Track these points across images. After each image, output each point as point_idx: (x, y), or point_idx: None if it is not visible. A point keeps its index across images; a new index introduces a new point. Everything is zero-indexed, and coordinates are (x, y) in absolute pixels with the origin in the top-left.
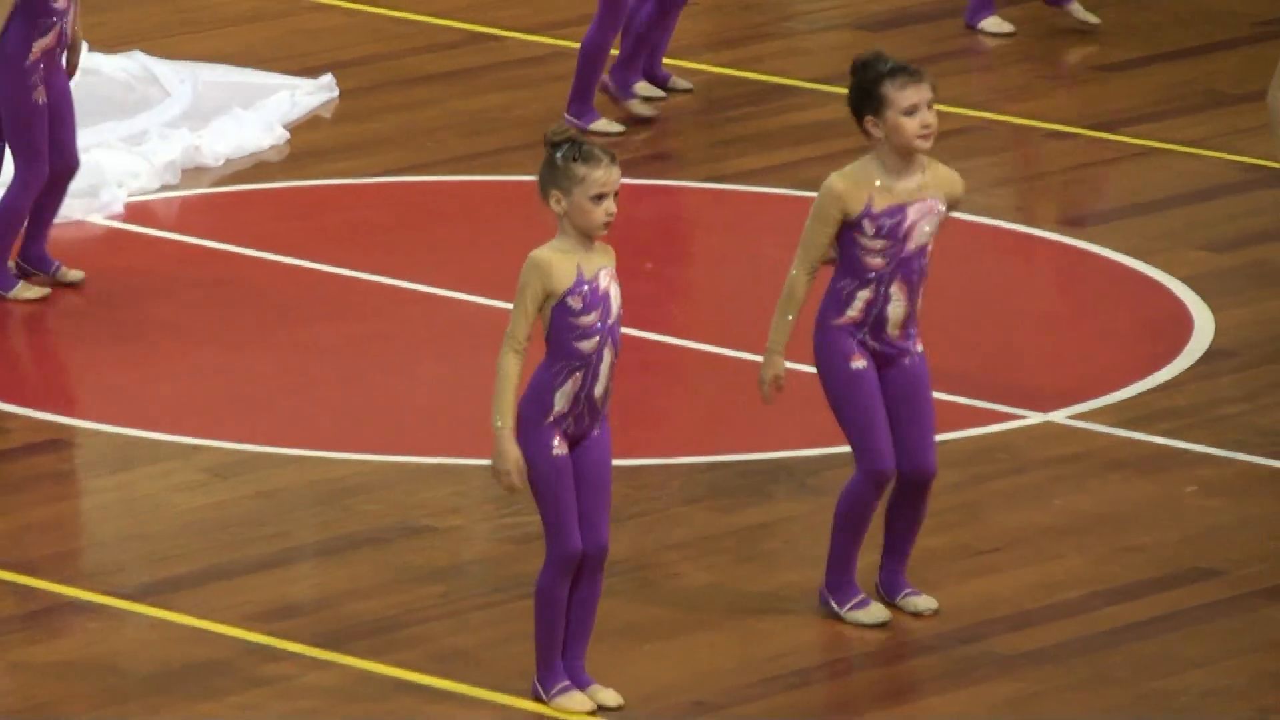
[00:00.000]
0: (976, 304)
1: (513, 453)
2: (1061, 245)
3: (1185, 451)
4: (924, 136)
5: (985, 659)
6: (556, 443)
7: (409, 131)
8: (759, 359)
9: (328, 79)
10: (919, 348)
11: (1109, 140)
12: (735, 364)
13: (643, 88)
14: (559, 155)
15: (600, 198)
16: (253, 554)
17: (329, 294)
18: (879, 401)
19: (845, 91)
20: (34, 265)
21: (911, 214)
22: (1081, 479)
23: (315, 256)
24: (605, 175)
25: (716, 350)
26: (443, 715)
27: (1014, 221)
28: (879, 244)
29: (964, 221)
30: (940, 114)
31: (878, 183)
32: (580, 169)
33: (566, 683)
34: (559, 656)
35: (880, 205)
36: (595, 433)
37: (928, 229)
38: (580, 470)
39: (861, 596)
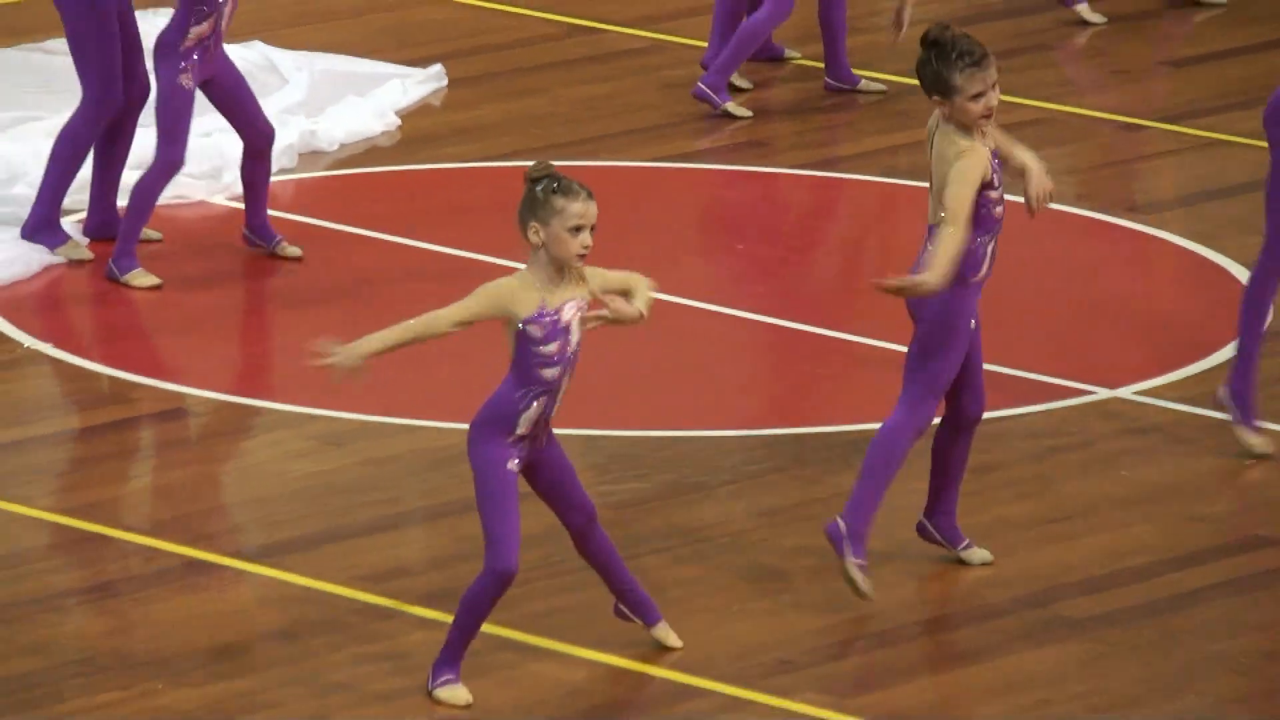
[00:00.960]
0: (1048, 286)
1: (358, 351)
2: (1130, 230)
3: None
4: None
5: (1057, 621)
6: (514, 463)
7: (515, 119)
8: (840, 335)
9: (437, 69)
10: None
11: (1176, 132)
12: (817, 339)
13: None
14: (539, 189)
15: (577, 230)
16: (363, 518)
17: (437, 272)
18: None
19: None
20: (258, 236)
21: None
22: (1148, 452)
23: (424, 237)
24: (583, 208)
25: (800, 327)
26: (543, 672)
27: (1083, 208)
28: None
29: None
30: (1014, 105)
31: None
32: (559, 201)
33: (451, 676)
34: (461, 657)
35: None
36: (547, 444)
37: None
38: (548, 474)
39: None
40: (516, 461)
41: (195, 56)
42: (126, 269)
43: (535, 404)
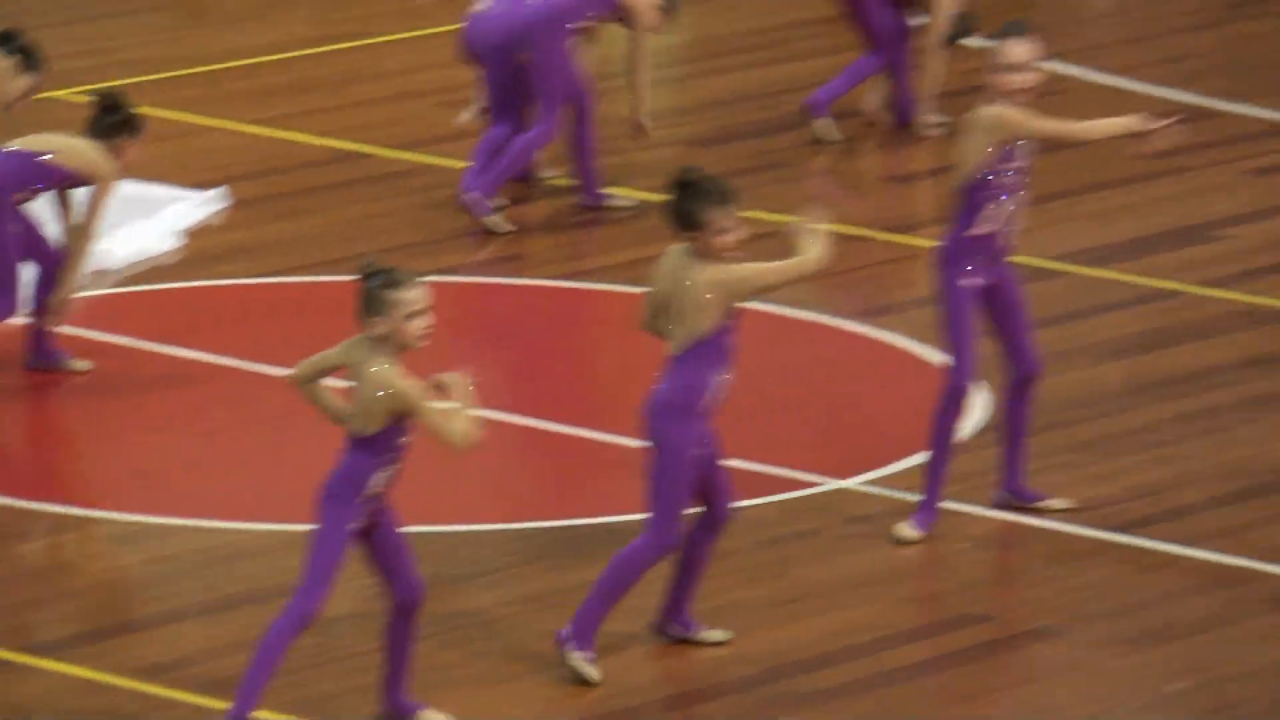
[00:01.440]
0: (783, 386)
1: None
2: (857, 334)
3: (960, 513)
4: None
5: (787, 696)
6: (353, 524)
7: (291, 238)
8: (585, 433)
9: (218, 191)
10: None
11: (901, 243)
12: (565, 439)
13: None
14: (372, 285)
15: (414, 315)
16: (146, 613)
17: (216, 380)
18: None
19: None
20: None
21: None
22: (872, 537)
23: (205, 348)
24: (416, 295)
25: (549, 426)
26: None
27: (817, 312)
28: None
29: (772, 313)
30: (757, 221)
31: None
32: (393, 294)
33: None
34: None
35: None
36: (386, 511)
37: None
38: (385, 540)
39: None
40: (355, 521)
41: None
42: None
43: (388, 470)
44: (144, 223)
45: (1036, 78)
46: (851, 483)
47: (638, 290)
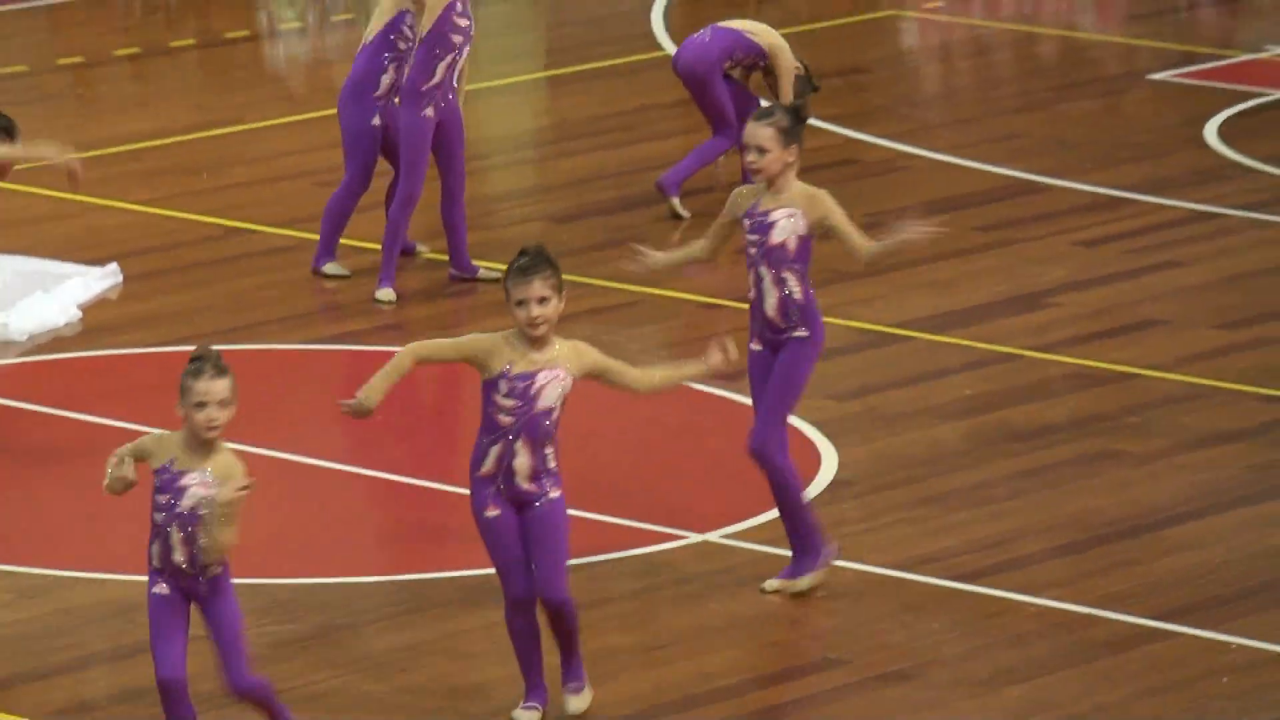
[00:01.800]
0: (649, 445)
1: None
2: (713, 395)
3: None
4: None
5: None
6: (161, 588)
7: (182, 310)
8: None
9: (113, 267)
10: (553, 494)
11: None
12: (440, 494)
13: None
14: (186, 370)
15: (203, 405)
16: (53, 661)
17: (116, 443)
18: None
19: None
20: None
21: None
22: (733, 587)
23: (102, 413)
24: (205, 387)
25: (425, 483)
26: None
27: None
28: (509, 404)
29: None
30: (611, 289)
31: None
32: (186, 380)
33: None
34: None
35: (516, 370)
36: (202, 588)
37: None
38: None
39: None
40: (164, 585)
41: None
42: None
43: (156, 542)
44: (44, 297)
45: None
46: (713, 535)
47: None
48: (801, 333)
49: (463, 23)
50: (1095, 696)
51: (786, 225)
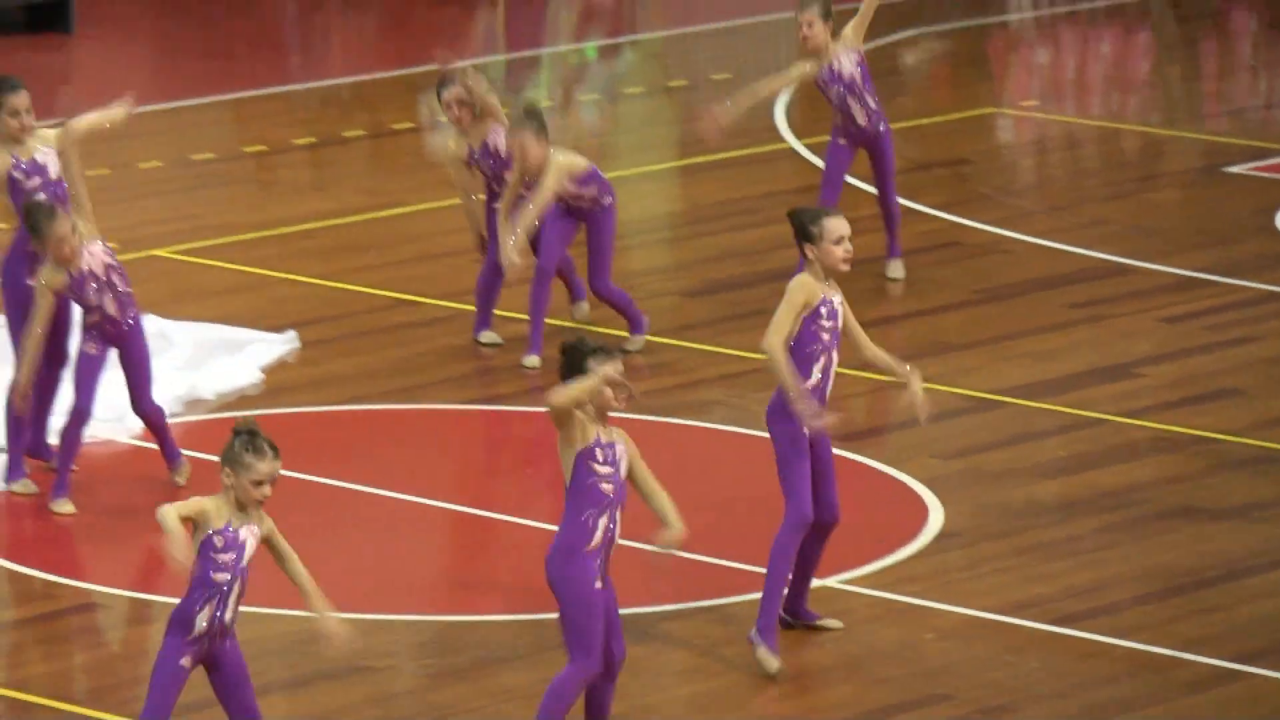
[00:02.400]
0: (756, 497)
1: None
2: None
3: (924, 607)
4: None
5: None
6: (186, 661)
7: (353, 373)
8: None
9: (291, 334)
10: None
11: (865, 377)
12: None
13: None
14: (237, 441)
15: (260, 484)
16: None
17: (293, 491)
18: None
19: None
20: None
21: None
22: (850, 627)
23: (285, 466)
24: (267, 468)
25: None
26: None
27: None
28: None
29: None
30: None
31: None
32: (249, 458)
33: None
34: None
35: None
36: (227, 644)
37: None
38: (225, 679)
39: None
40: (189, 660)
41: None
42: (55, 497)
43: (207, 605)
44: (230, 360)
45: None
46: (831, 580)
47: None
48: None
49: None
50: None
51: (841, 310)
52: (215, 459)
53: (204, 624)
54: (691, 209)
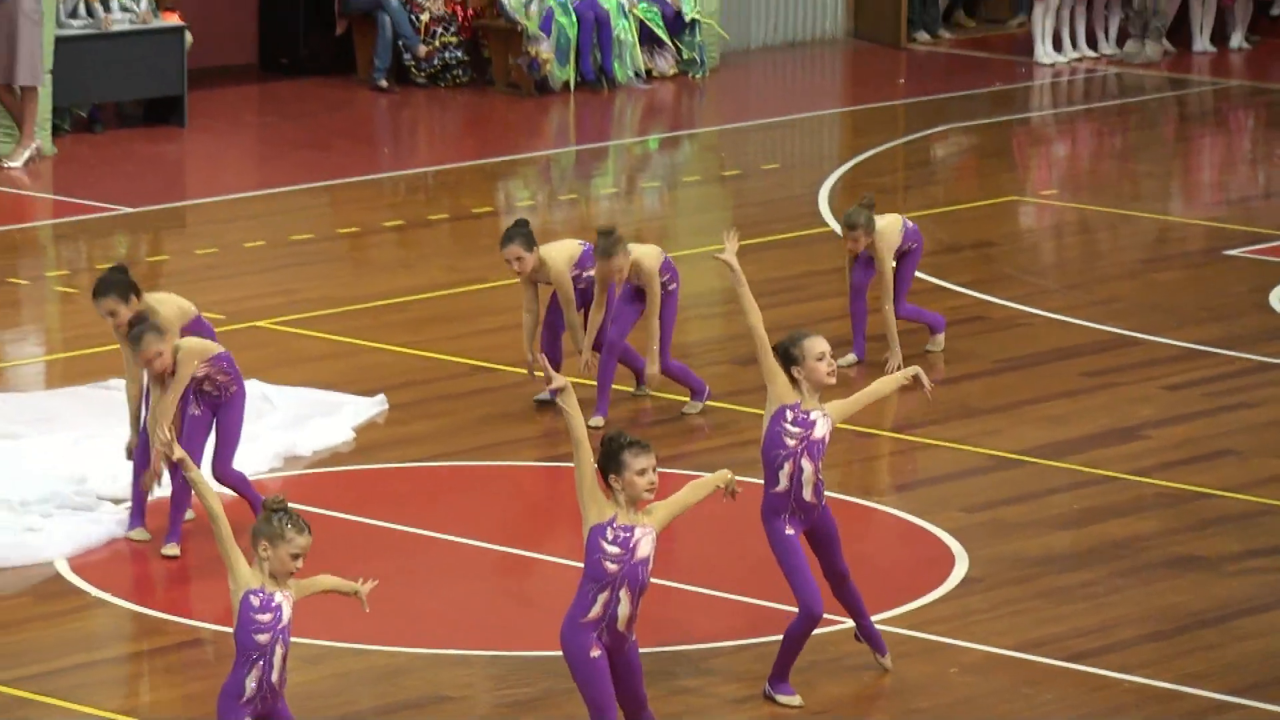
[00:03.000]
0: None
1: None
2: (867, 508)
3: (950, 645)
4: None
5: None
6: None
7: (436, 432)
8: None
9: (380, 397)
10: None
11: (898, 438)
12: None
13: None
14: (275, 518)
15: (297, 557)
16: (330, 716)
17: (378, 538)
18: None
19: None
20: None
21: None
22: (874, 665)
23: (370, 515)
24: (305, 542)
25: None
26: None
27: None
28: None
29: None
30: None
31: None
32: (290, 533)
33: None
34: None
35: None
36: (279, 705)
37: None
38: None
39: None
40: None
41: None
42: (167, 541)
43: (255, 669)
44: (325, 420)
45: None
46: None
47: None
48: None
49: None
50: None
51: (823, 424)
52: (312, 509)
53: (253, 686)
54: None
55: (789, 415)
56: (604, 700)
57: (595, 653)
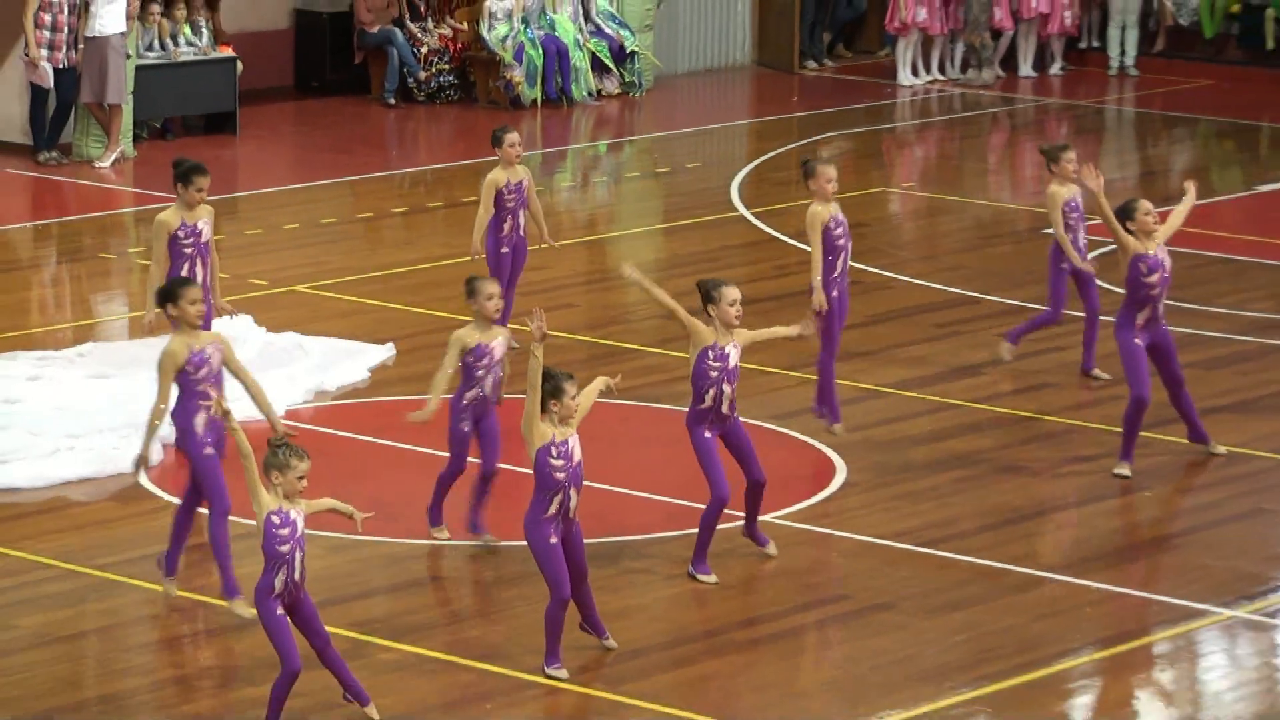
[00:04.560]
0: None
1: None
2: (770, 430)
3: (832, 535)
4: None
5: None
6: (280, 611)
7: (433, 372)
8: None
9: (390, 345)
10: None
11: (791, 374)
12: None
13: None
14: (280, 451)
15: (302, 478)
16: (349, 591)
17: (389, 455)
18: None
19: None
20: None
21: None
22: (781, 549)
23: (384, 437)
24: (306, 467)
25: None
26: None
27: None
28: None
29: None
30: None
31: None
32: (294, 460)
33: None
34: None
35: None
36: (302, 595)
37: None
38: (303, 617)
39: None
40: (280, 609)
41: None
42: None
43: (281, 571)
44: (348, 364)
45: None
46: (768, 517)
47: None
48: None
49: None
50: (1006, 620)
51: (735, 353)
52: (337, 432)
53: (280, 583)
54: (670, 257)
55: (710, 355)
56: (560, 576)
57: (554, 540)
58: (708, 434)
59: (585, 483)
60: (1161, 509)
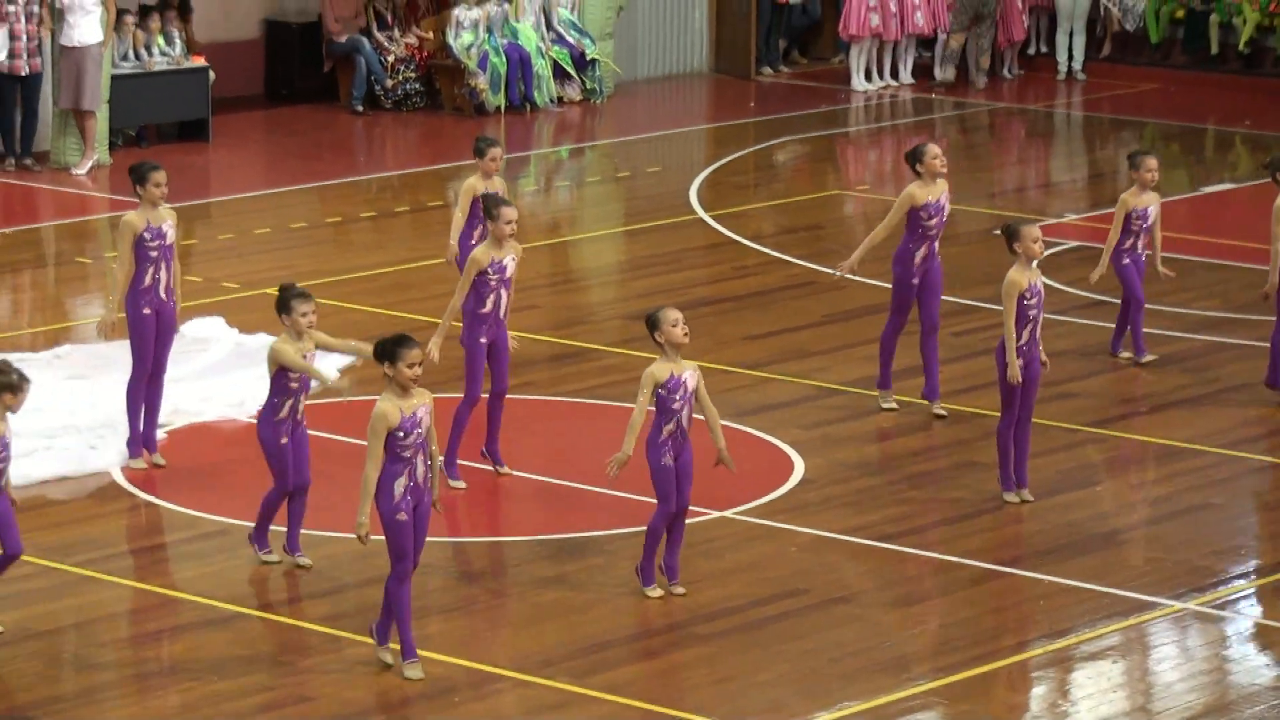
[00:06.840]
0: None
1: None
2: (729, 427)
3: (789, 530)
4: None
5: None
6: (402, 516)
7: None
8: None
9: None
10: None
11: (750, 374)
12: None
13: None
14: (388, 343)
15: (411, 365)
16: (316, 590)
17: (356, 451)
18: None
19: None
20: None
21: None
22: (738, 543)
23: (350, 434)
24: (417, 353)
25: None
26: None
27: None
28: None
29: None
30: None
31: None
32: (401, 350)
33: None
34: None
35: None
36: (425, 497)
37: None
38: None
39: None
40: (404, 513)
41: None
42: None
43: (404, 475)
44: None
45: None
46: (727, 513)
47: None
48: None
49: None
50: (959, 613)
51: (692, 377)
52: (310, 432)
53: (401, 489)
54: (631, 259)
55: (664, 391)
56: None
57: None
58: (666, 461)
59: (549, 479)
60: (1112, 504)
